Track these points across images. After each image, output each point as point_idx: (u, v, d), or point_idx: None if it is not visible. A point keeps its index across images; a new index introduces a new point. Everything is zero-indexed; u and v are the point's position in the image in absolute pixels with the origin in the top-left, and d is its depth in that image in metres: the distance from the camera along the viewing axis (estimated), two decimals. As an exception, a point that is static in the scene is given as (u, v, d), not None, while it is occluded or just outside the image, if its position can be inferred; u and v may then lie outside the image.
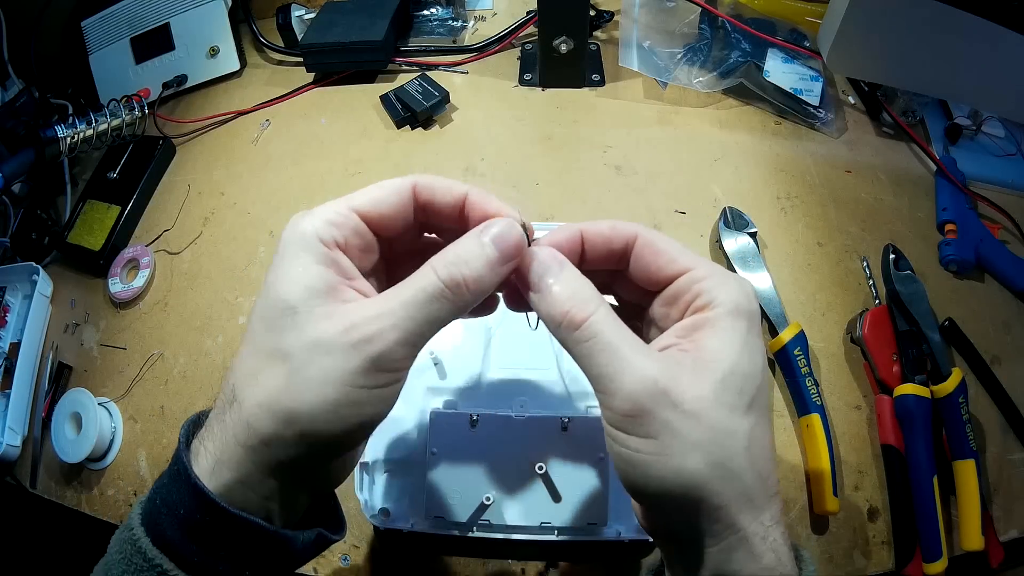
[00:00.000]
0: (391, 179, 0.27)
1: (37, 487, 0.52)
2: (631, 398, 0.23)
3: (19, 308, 0.60)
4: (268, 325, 0.24)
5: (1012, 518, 0.45)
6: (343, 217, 0.26)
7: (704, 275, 0.25)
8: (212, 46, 0.74)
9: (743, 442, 0.23)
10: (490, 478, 0.41)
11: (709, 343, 0.24)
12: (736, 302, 0.25)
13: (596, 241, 0.28)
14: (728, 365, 0.23)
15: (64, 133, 0.60)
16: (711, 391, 0.23)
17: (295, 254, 0.25)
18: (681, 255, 0.26)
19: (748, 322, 0.25)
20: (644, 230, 0.27)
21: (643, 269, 0.27)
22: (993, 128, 0.64)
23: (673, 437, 0.22)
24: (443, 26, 0.76)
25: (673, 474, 0.22)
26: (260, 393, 0.23)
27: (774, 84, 0.64)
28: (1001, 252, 0.56)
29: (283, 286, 0.24)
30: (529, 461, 0.41)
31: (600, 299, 0.25)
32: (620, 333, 0.24)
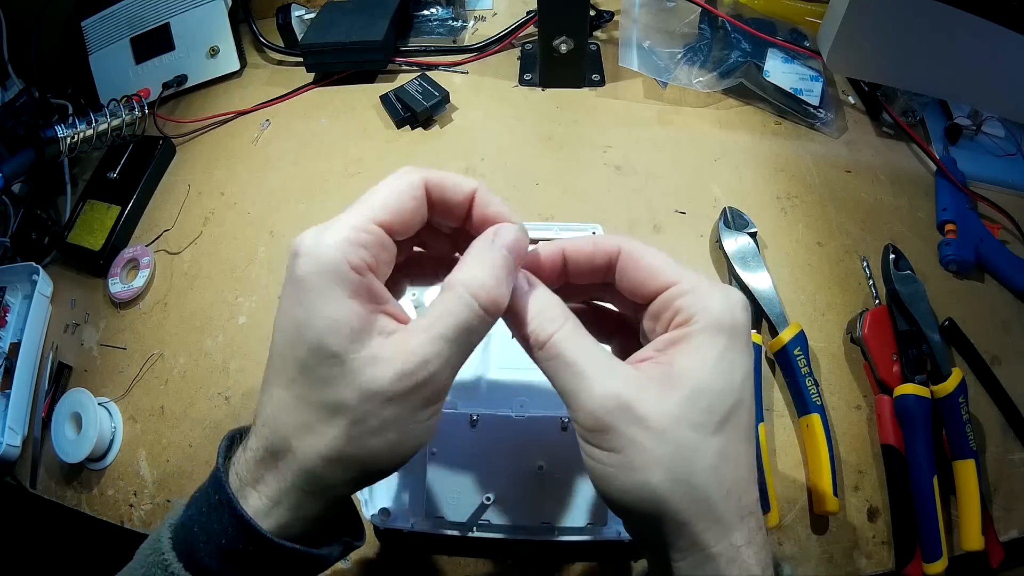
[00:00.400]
0: (398, 177, 0.26)
1: (37, 487, 0.52)
2: (593, 414, 0.23)
3: (19, 308, 0.60)
4: (312, 374, 0.24)
5: (1012, 518, 0.45)
6: (370, 235, 0.25)
7: (685, 290, 0.25)
8: (212, 46, 0.74)
9: (709, 460, 0.23)
10: (490, 478, 0.41)
11: (681, 359, 0.24)
12: (716, 318, 0.24)
13: (578, 259, 0.28)
14: (697, 382, 0.23)
15: (64, 133, 0.60)
16: (676, 408, 0.23)
17: (326, 288, 0.23)
18: (665, 268, 0.26)
19: (728, 338, 0.24)
20: (628, 244, 0.27)
21: (627, 284, 0.27)
22: (993, 128, 0.64)
23: (636, 452, 0.23)
24: (443, 26, 0.76)
25: (636, 488, 0.23)
26: (320, 446, 0.24)
27: (774, 84, 0.64)
28: (1001, 252, 0.56)
29: (321, 330, 0.23)
30: (529, 461, 0.41)
31: (565, 316, 0.25)
32: (583, 350, 0.24)
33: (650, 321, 0.27)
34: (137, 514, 0.49)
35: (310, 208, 0.62)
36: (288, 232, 0.60)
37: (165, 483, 0.49)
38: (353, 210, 0.25)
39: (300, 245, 0.24)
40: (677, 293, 0.25)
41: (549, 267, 0.28)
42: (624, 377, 0.24)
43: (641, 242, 0.27)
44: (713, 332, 0.24)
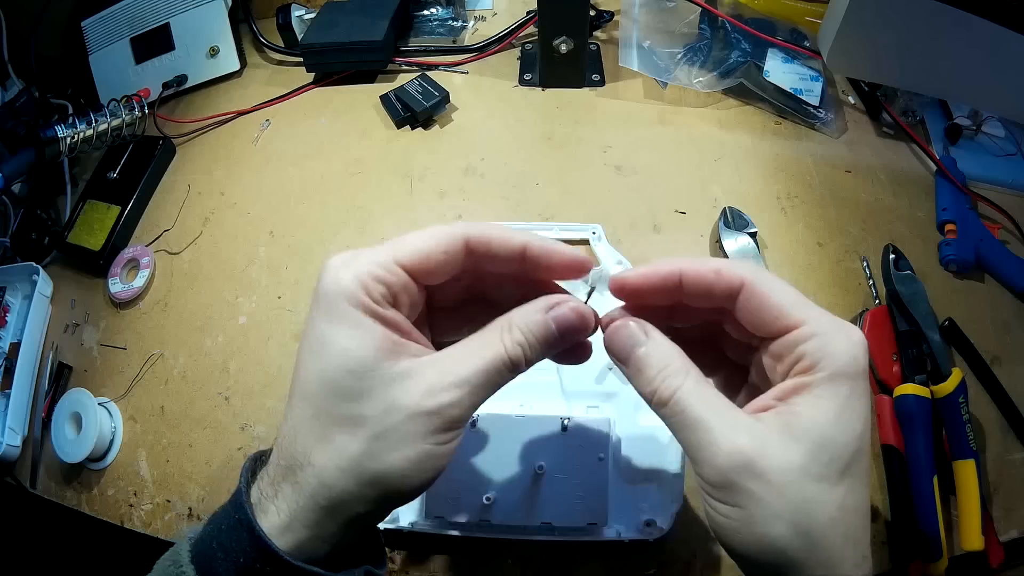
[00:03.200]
0: (439, 227, 0.27)
1: (37, 487, 0.52)
2: (718, 470, 0.23)
3: (19, 308, 0.60)
4: (334, 390, 0.24)
5: (1012, 518, 0.45)
6: (391, 275, 0.25)
7: (812, 333, 0.24)
8: (212, 46, 0.74)
9: (831, 512, 0.23)
10: (490, 478, 0.41)
11: (804, 410, 0.24)
12: (841, 365, 0.24)
13: (696, 286, 0.27)
14: (820, 434, 0.23)
15: (64, 133, 0.60)
16: (799, 461, 0.23)
17: (347, 312, 0.24)
18: (792, 309, 0.25)
19: (851, 386, 0.24)
20: (753, 276, 0.26)
21: (749, 319, 0.26)
22: (993, 128, 0.64)
23: (758, 506, 0.23)
24: (443, 26, 0.76)
25: (757, 541, 0.23)
26: (339, 458, 0.24)
27: (774, 84, 0.64)
28: (1001, 252, 0.56)
29: (345, 349, 0.24)
30: (529, 461, 0.41)
31: (687, 369, 0.25)
32: (707, 405, 0.24)
33: (771, 359, 0.26)
34: (137, 514, 0.49)
35: (310, 208, 0.62)
36: (288, 232, 0.60)
37: (165, 483, 0.49)
38: (385, 246, 0.26)
39: (328, 265, 0.25)
40: (803, 336, 0.25)
41: (663, 287, 0.27)
42: (748, 432, 0.23)
43: (768, 273, 0.26)
44: (838, 381, 0.24)
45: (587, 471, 0.41)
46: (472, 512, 0.40)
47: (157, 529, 0.48)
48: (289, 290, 0.57)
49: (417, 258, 0.26)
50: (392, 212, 0.60)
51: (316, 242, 0.59)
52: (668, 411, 0.25)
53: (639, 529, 0.41)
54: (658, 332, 0.27)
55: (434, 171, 0.63)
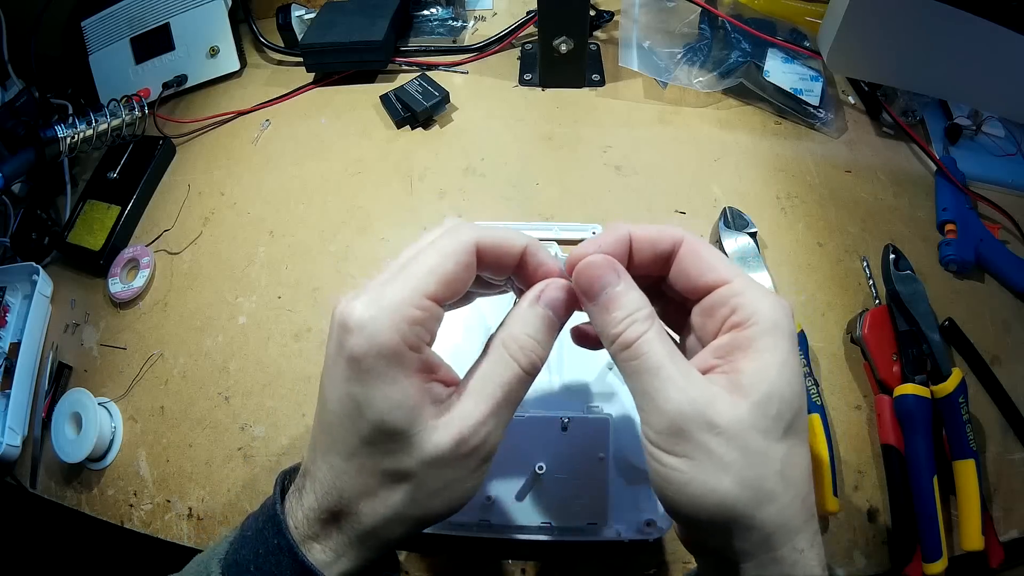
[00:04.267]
0: (449, 239, 0.26)
1: (37, 487, 0.52)
2: (669, 418, 0.23)
3: (19, 308, 0.60)
4: (374, 448, 0.25)
5: (1012, 518, 0.45)
6: (424, 312, 0.25)
7: (739, 289, 0.25)
8: (212, 46, 0.74)
9: (777, 465, 0.23)
10: (490, 478, 0.41)
11: (747, 365, 0.24)
12: (774, 320, 0.25)
13: (643, 244, 0.28)
14: (766, 389, 0.23)
15: (64, 133, 0.60)
16: (748, 414, 0.23)
17: (386, 370, 0.24)
18: (720, 265, 0.26)
19: (789, 342, 0.24)
20: (690, 237, 0.27)
21: (683, 276, 0.27)
22: (993, 128, 0.64)
23: (707, 458, 0.23)
24: (443, 26, 0.76)
25: (706, 493, 0.23)
26: (385, 509, 0.25)
27: (774, 84, 0.64)
28: (1001, 252, 0.56)
29: (384, 411, 0.24)
30: (529, 461, 0.40)
31: (652, 317, 0.26)
32: (667, 354, 0.25)
33: (701, 317, 0.27)
34: (137, 514, 0.49)
35: (310, 208, 0.62)
36: (288, 232, 0.60)
37: (165, 483, 0.49)
38: (404, 280, 0.25)
39: (350, 318, 0.24)
40: (732, 292, 0.26)
41: (618, 251, 0.28)
42: (701, 385, 0.24)
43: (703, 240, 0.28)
44: (774, 336, 0.24)
45: (587, 471, 0.41)
46: (472, 512, 0.40)
47: (157, 529, 0.48)
48: (289, 290, 0.56)
49: (442, 284, 0.25)
50: (392, 212, 0.60)
51: (316, 242, 0.59)
52: (629, 354, 0.25)
53: (639, 529, 0.41)
54: (629, 276, 0.27)
55: (434, 171, 0.63)
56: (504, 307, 0.30)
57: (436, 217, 0.60)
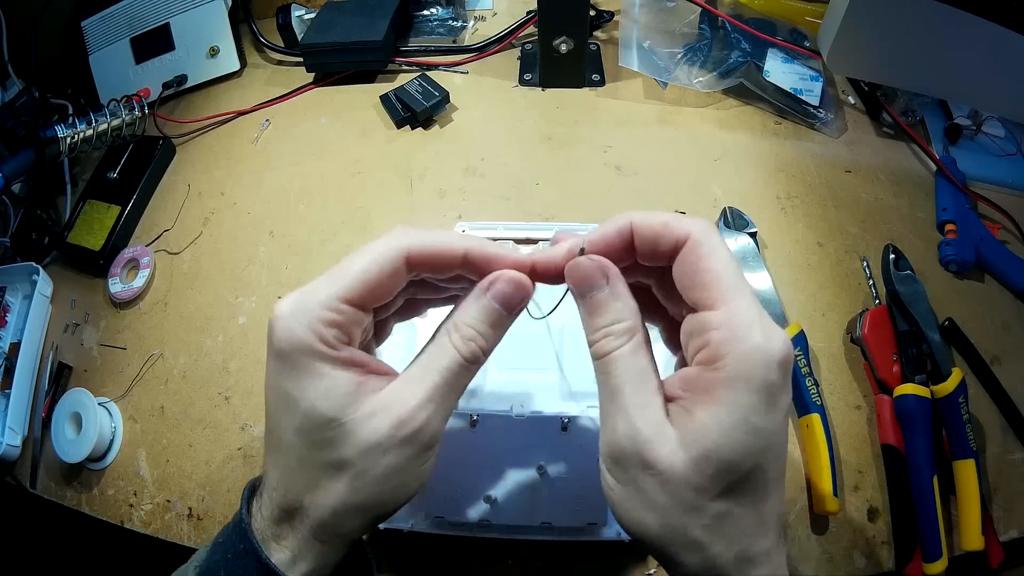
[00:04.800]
0: (377, 245, 0.26)
1: (37, 487, 0.52)
2: (614, 445, 0.24)
3: (19, 308, 0.60)
4: (312, 442, 0.25)
5: (1012, 518, 0.45)
6: (341, 315, 0.25)
7: (722, 322, 0.23)
8: (212, 46, 0.74)
9: (705, 520, 0.23)
10: (490, 478, 0.41)
11: (701, 414, 0.23)
12: (746, 372, 0.22)
13: (645, 236, 0.26)
14: (708, 447, 0.22)
15: (64, 133, 0.60)
16: (682, 468, 0.22)
17: (308, 366, 0.25)
18: (714, 283, 0.24)
19: (757, 398, 0.22)
20: (700, 235, 0.25)
21: (679, 280, 0.25)
22: (993, 128, 0.64)
23: (637, 492, 0.23)
24: (443, 26, 0.76)
25: (633, 522, 0.24)
26: (331, 500, 0.25)
27: (774, 84, 0.64)
28: (1001, 252, 0.55)
29: (313, 400, 0.24)
30: (529, 461, 0.40)
31: (632, 332, 0.25)
32: (631, 378, 0.24)
33: (685, 331, 0.25)
34: (137, 514, 0.49)
35: (310, 208, 0.62)
36: (288, 232, 0.60)
37: (165, 483, 0.49)
38: (327, 281, 0.26)
39: (274, 316, 0.25)
40: (711, 323, 0.23)
41: (619, 241, 0.27)
42: (651, 421, 0.23)
43: (718, 237, 0.25)
44: (740, 389, 0.22)
45: (587, 471, 0.40)
46: (472, 512, 0.40)
47: (157, 529, 0.48)
48: (289, 290, 0.56)
49: (361, 288, 0.26)
50: (392, 212, 0.60)
51: (316, 242, 0.59)
52: (600, 366, 0.25)
53: None
54: (621, 281, 0.26)
55: (434, 171, 0.63)
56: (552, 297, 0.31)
57: (436, 217, 0.60)
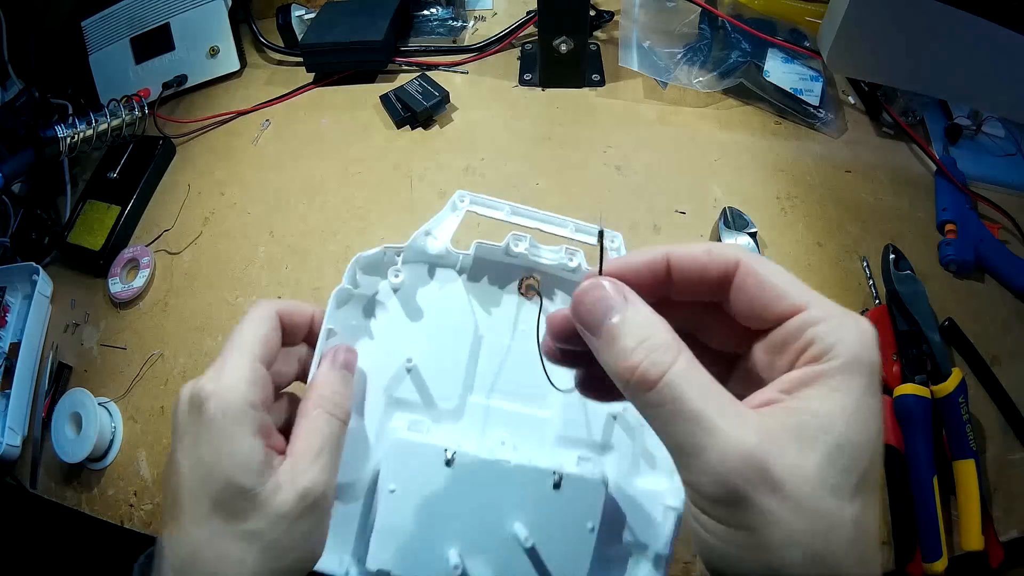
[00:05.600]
0: (258, 311, 0.30)
1: (37, 487, 0.52)
2: (722, 479, 0.19)
3: (19, 308, 0.60)
4: (226, 509, 0.26)
5: (1012, 518, 0.45)
6: (260, 376, 0.28)
7: (819, 317, 0.21)
8: (212, 46, 0.74)
9: (848, 532, 0.19)
10: (456, 533, 0.34)
11: (817, 404, 0.19)
12: (855, 352, 0.20)
13: (687, 269, 0.23)
14: (838, 435, 0.19)
15: (64, 133, 0.60)
16: (816, 469, 0.19)
17: (230, 430, 0.26)
18: (793, 289, 0.21)
19: (868, 378, 0.20)
20: (748, 256, 0.23)
21: (746, 306, 0.22)
22: (993, 128, 0.64)
23: (770, 529, 0.18)
24: (443, 26, 0.76)
25: (765, 571, 0.19)
26: (242, 570, 0.26)
27: (774, 84, 0.64)
28: (1001, 252, 0.55)
29: (232, 468, 0.26)
30: (508, 521, 0.34)
31: (679, 345, 0.21)
32: (706, 391, 0.20)
33: (768, 354, 0.22)
34: (137, 514, 0.49)
35: (310, 208, 0.62)
36: (288, 232, 0.60)
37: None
38: (236, 352, 0.28)
39: (201, 391, 0.26)
40: (810, 320, 0.21)
41: (650, 276, 0.23)
42: (758, 429, 0.19)
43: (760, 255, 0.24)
44: (852, 371, 0.20)
45: (573, 541, 0.34)
46: (429, 572, 0.34)
47: (157, 529, 0.48)
48: (289, 290, 0.56)
49: (262, 346, 0.29)
50: (392, 212, 0.60)
51: (316, 242, 0.59)
52: (654, 397, 0.20)
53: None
54: (639, 299, 0.22)
55: (434, 171, 0.63)
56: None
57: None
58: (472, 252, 0.38)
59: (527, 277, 0.39)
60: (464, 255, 0.38)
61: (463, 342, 0.38)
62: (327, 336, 0.32)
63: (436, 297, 0.38)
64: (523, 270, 0.39)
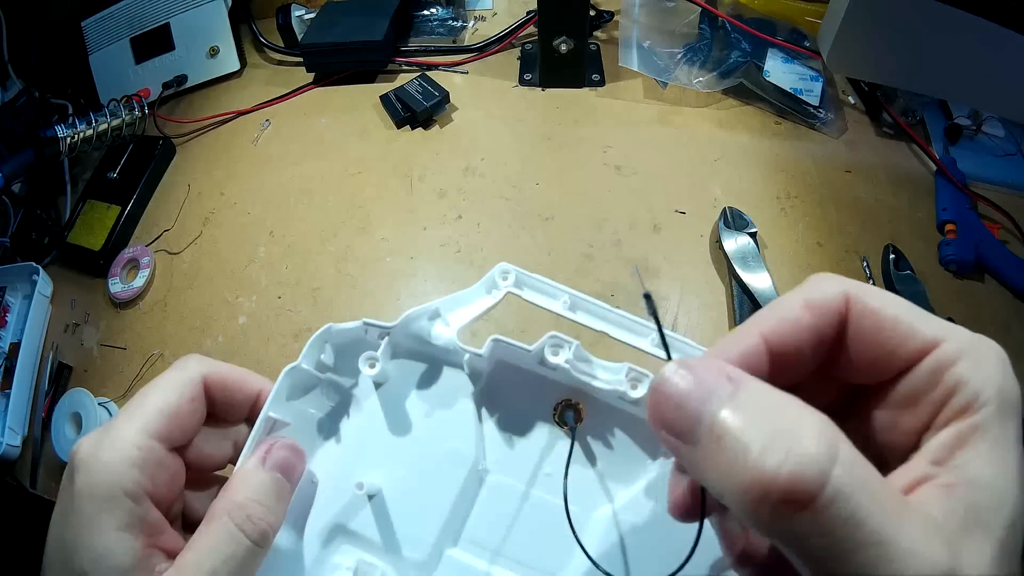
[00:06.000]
0: (172, 372, 0.24)
1: (37, 487, 0.52)
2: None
3: (19, 308, 0.60)
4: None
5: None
6: (146, 452, 0.22)
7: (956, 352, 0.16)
8: (212, 46, 0.74)
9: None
10: None
11: (980, 469, 0.15)
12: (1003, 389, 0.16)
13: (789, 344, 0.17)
14: (1012, 507, 0.15)
15: (64, 133, 0.60)
16: (994, 562, 0.14)
17: (95, 516, 0.21)
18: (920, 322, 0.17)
19: (1018, 419, 0.16)
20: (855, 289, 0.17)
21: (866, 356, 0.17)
22: (993, 128, 0.64)
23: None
24: (443, 26, 0.76)
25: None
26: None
27: (774, 84, 0.64)
28: (1001, 252, 0.55)
29: (87, 563, 0.21)
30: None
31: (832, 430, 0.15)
32: (877, 494, 0.14)
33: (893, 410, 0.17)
34: (137, 514, 0.49)
35: (310, 208, 0.62)
36: (288, 232, 0.60)
37: (165, 483, 0.49)
38: (127, 417, 0.23)
39: (75, 455, 0.22)
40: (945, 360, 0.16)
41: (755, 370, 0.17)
42: (944, 538, 0.14)
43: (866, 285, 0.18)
44: (1005, 416, 0.16)
45: None
46: None
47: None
48: (289, 290, 0.56)
49: (166, 419, 0.23)
50: (392, 212, 0.60)
51: (316, 242, 0.59)
52: (812, 523, 0.13)
53: None
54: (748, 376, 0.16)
55: (434, 171, 0.63)
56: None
57: (436, 217, 0.60)
58: (485, 353, 0.27)
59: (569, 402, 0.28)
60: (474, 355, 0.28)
61: (456, 475, 0.28)
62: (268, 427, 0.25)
63: (432, 406, 0.29)
64: (564, 389, 0.28)
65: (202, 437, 0.25)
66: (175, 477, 0.24)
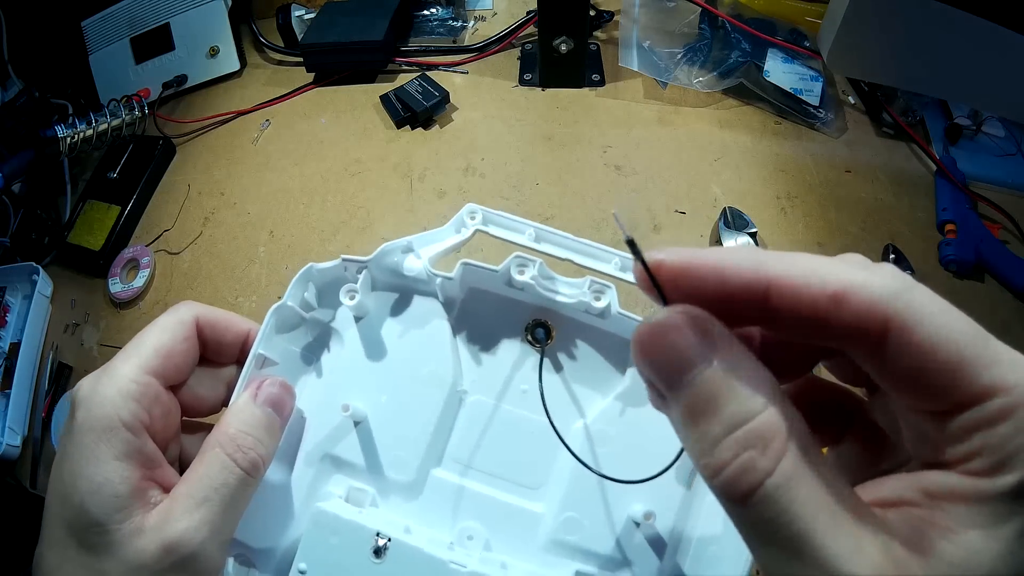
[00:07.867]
0: (167, 315, 0.26)
1: (37, 487, 0.52)
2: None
3: (19, 308, 0.60)
4: (78, 539, 0.22)
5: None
6: (143, 387, 0.23)
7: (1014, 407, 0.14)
8: (212, 46, 0.74)
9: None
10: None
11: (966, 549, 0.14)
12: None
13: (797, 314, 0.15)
14: None
15: (64, 133, 0.60)
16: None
17: (94, 447, 0.22)
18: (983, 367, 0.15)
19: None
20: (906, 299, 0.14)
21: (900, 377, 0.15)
22: (993, 128, 0.64)
23: None
24: (443, 26, 0.76)
25: None
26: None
27: (774, 84, 0.64)
28: (1001, 252, 0.55)
29: (84, 494, 0.22)
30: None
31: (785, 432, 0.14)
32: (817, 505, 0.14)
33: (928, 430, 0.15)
34: (137, 514, 0.49)
35: (310, 208, 0.62)
36: (288, 232, 0.60)
37: (165, 483, 0.49)
38: (126, 355, 0.24)
39: (77, 392, 0.23)
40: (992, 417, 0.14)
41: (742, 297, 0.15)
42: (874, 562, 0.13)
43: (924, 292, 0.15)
44: None
45: None
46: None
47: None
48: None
49: (161, 357, 0.24)
50: (392, 212, 0.60)
51: (316, 242, 0.59)
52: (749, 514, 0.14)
53: None
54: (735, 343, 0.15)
55: (434, 171, 0.63)
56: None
57: (436, 217, 0.60)
58: (456, 276, 0.29)
59: (539, 321, 0.30)
60: (445, 279, 0.29)
61: (435, 398, 0.29)
62: (259, 364, 0.27)
63: (409, 334, 0.30)
64: (533, 309, 0.30)
65: (196, 379, 0.27)
66: (171, 414, 0.25)
